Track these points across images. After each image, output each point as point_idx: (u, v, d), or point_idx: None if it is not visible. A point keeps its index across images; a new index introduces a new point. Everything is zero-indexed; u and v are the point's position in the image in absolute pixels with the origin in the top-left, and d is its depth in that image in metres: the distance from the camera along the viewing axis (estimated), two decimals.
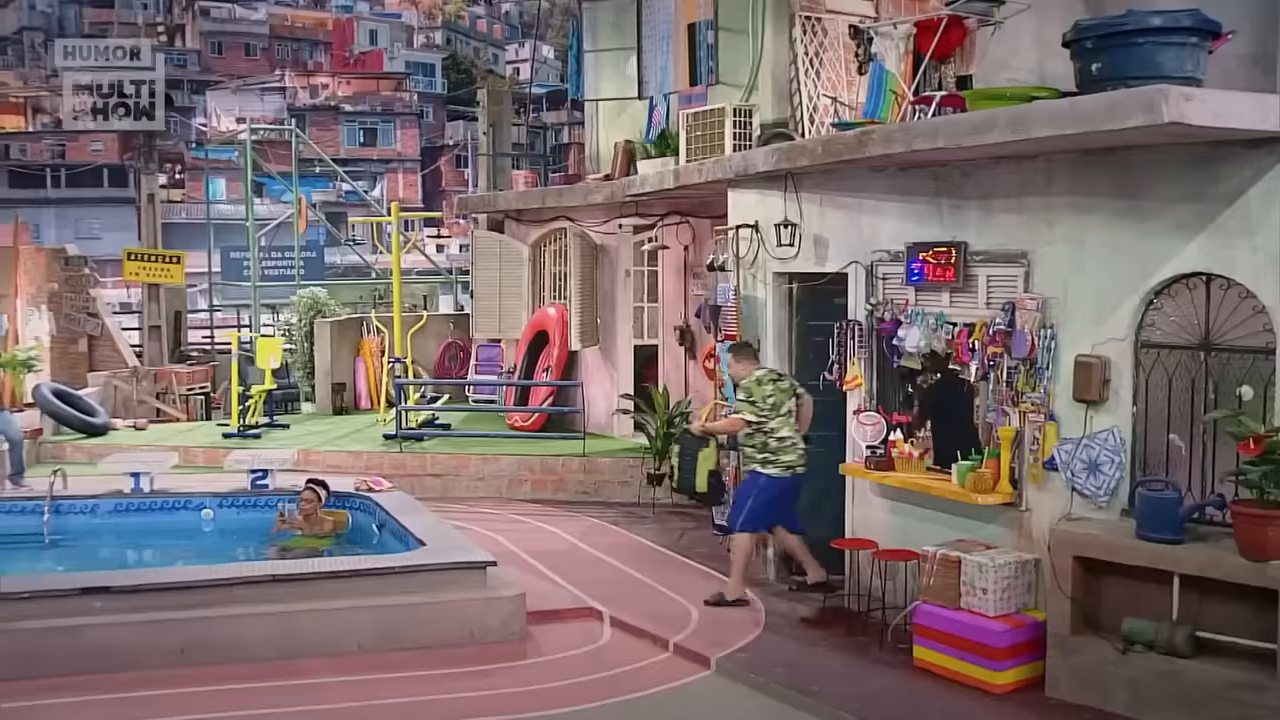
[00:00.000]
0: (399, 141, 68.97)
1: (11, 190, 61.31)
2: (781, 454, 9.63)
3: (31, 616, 8.42)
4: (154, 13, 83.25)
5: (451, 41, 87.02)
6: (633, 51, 15.14)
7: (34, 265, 22.01)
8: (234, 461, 13.06)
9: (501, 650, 8.86)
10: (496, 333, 17.71)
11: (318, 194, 48.24)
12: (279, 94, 69.15)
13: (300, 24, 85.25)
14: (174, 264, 22.34)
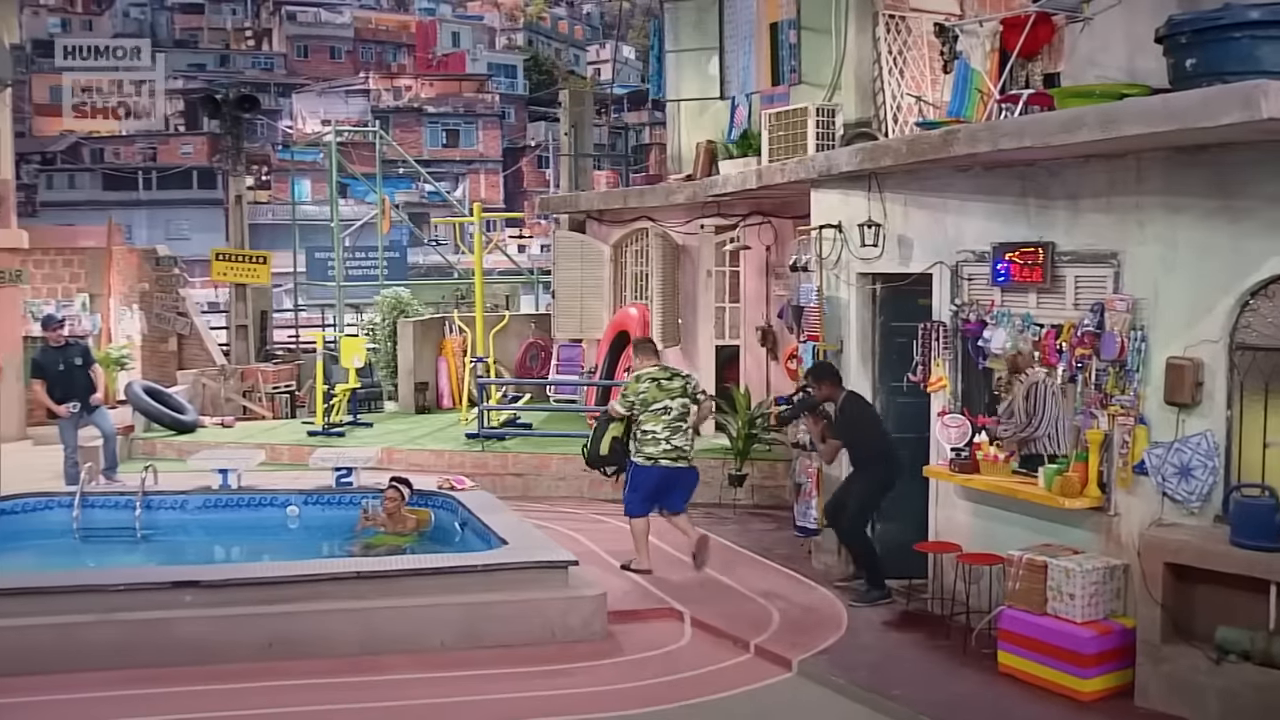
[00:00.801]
0: (481, 142, 69.46)
1: (105, 192, 62.68)
2: (645, 446, 10.46)
3: (124, 609, 8.59)
4: (242, 18, 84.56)
5: (533, 43, 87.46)
6: (714, 51, 15.12)
7: (126, 265, 22.46)
8: (319, 459, 13.22)
9: (582, 649, 8.88)
10: (578, 333, 17.77)
11: (401, 195, 48.74)
12: (363, 96, 69.97)
13: (384, 27, 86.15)
14: (260, 264, 22.64)
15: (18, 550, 11.79)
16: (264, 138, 61.09)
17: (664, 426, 10.46)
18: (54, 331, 14.09)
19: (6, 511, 12.21)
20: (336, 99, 69.09)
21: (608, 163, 22.22)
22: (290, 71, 78.37)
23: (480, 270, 17.77)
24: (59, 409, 13.77)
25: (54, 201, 61.61)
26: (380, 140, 28.88)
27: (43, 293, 21.65)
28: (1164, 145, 7.49)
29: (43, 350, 14.22)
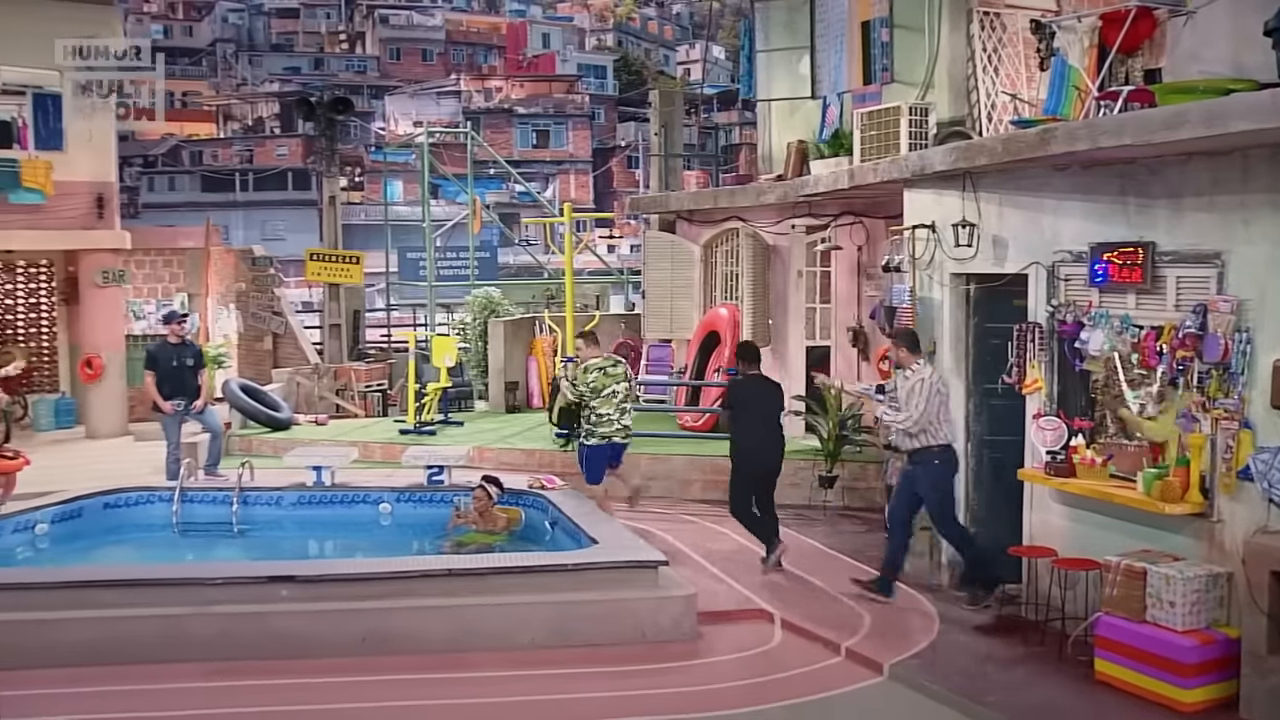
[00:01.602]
0: (571, 143, 69.75)
1: (203, 194, 63.86)
2: (599, 427, 11.71)
3: (222, 602, 8.75)
4: (336, 21, 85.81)
5: (623, 43, 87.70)
6: (806, 50, 15.05)
7: (223, 265, 22.88)
8: (411, 457, 13.37)
9: (672, 650, 8.87)
10: (667, 333, 17.77)
11: (491, 195, 49.12)
12: (454, 97, 70.62)
13: (475, 29, 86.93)
14: (353, 264, 22.93)
15: (120, 543, 12.10)
16: (357, 139, 61.94)
17: (614, 409, 11.73)
18: (175, 326, 14.38)
19: (110, 505, 12.52)
20: (428, 100, 69.82)
21: (698, 163, 22.25)
22: (383, 74, 79.38)
23: (570, 270, 17.85)
24: (165, 404, 14.06)
25: (155, 203, 62.95)
26: (471, 141, 29.12)
27: (143, 293, 22.16)
28: (1272, 142, 7.29)
29: (160, 345, 14.52)
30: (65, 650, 8.43)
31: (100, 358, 20.23)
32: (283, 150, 67.58)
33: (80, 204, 20.28)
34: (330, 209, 23.52)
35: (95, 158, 20.60)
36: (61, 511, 12.05)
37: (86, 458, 17.87)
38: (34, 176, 19.29)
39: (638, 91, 66.39)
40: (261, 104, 75.28)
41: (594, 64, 79.87)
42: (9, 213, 19.44)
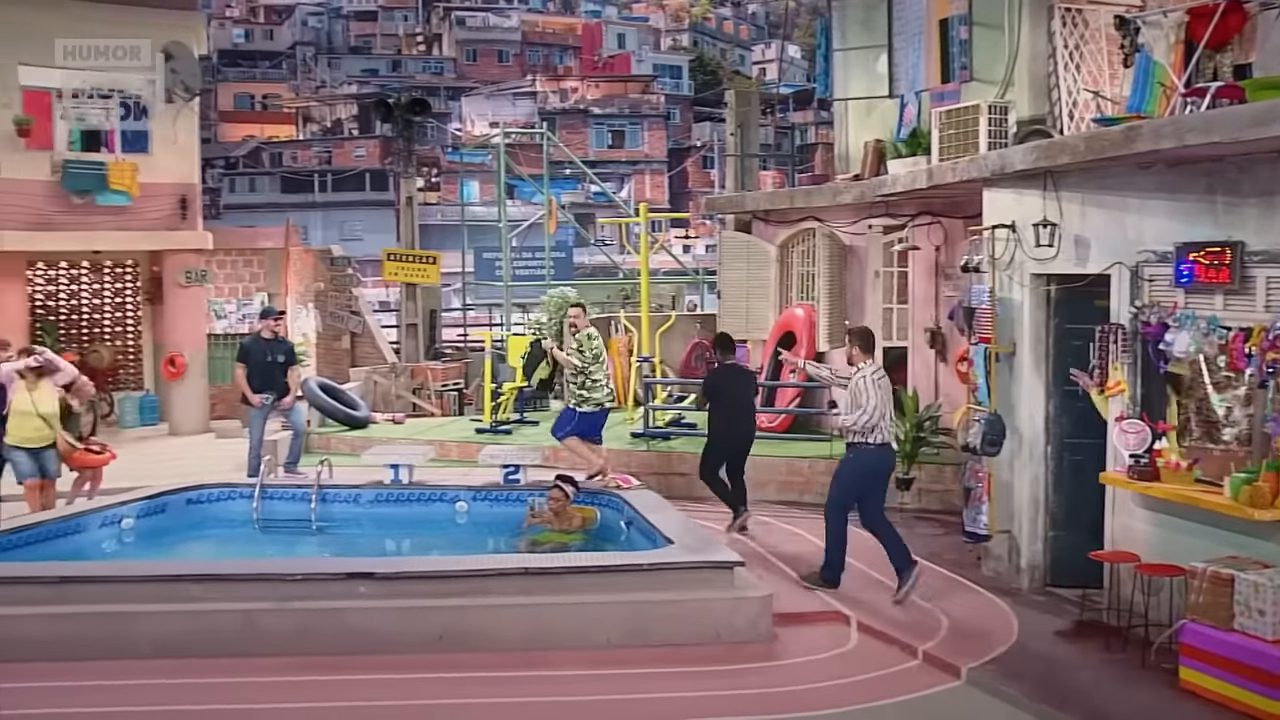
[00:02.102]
0: (646, 143, 69.85)
1: (283, 195, 64.73)
2: (594, 393, 12.67)
3: (301, 598, 8.86)
4: (413, 24, 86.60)
5: (698, 43, 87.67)
6: (883, 49, 14.94)
7: (302, 265, 23.18)
8: (487, 456, 13.44)
9: (748, 651, 8.84)
10: (743, 333, 17.69)
11: (567, 195, 49.29)
12: (530, 98, 70.99)
13: (550, 30, 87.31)
14: (430, 264, 23.16)
15: (201, 538, 12.30)
16: (434, 140, 62.44)
17: (605, 376, 12.83)
18: (271, 322, 14.59)
19: (192, 501, 12.74)
20: (504, 101, 70.25)
21: (773, 163, 22.12)
22: (459, 75, 80.00)
23: (646, 270, 17.86)
24: (254, 398, 14.30)
25: (236, 204, 63.93)
26: (547, 141, 29.24)
27: (224, 292, 22.53)
28: None
29: (254, 339, 14.75)
30: (149, 642, 8.59)
31: (183, 356, 20.60)
32: (361, 151, 68.33)
33: (165, 205, 20.67)
34: (407, 209, 23.77)
35: (179, 160, 21.00)
36: (146, 507, 12.29)
37: (169, 454, 18.20)
38: (121, 179, 19.70)
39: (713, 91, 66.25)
40: (340, 106, 76.17)
41: (669, 64, 79.91)
42: (97, 214, 19.86)
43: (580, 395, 12.75)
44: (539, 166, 29.63)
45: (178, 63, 20.51)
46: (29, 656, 8.43)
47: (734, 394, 12.51)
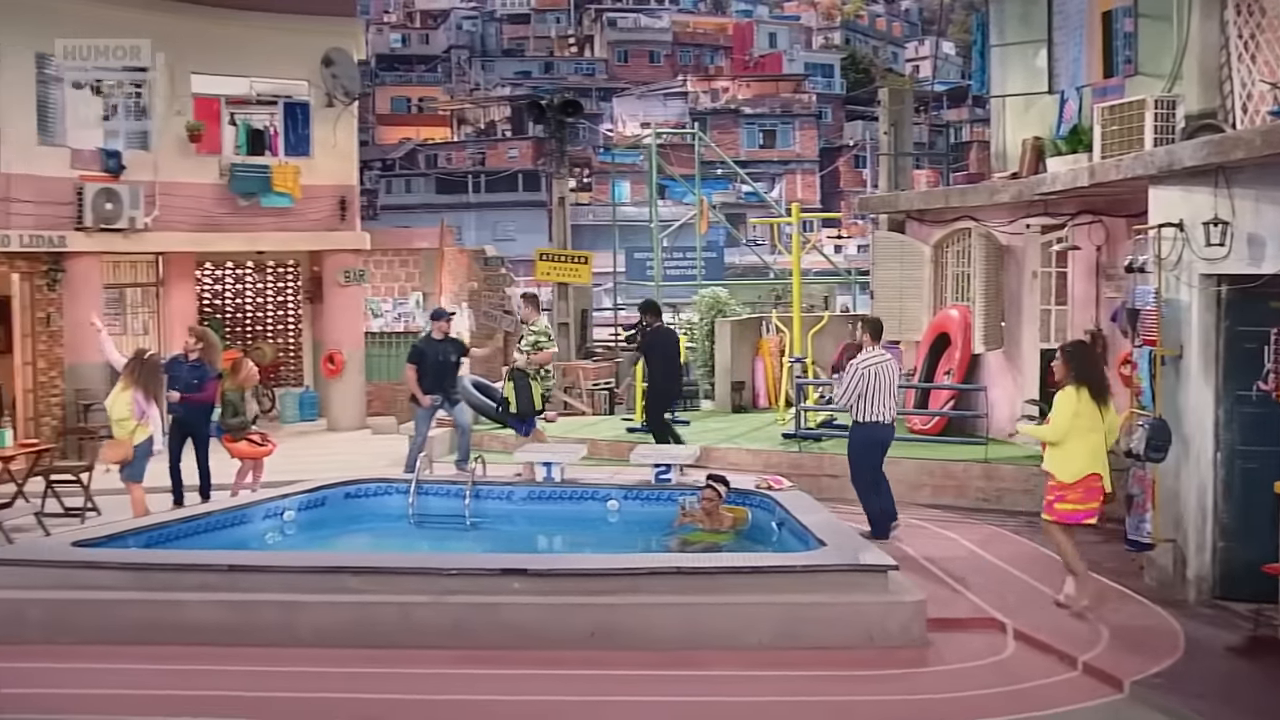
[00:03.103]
0: (797, 142, 69.50)
1: (438, 196, 65.98)
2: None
3: (457, 592, 9.00)
4: (565, 26, 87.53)
5: (850, 41, 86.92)
6: (1042, 44, 14.60)
7: (457, 265, 23.59)
8: (639, 455, 13.50)
9: (901, 656, 8.72)
10: (896, 334, 17.47)
11: (718, 195, 49.26)
12: (681, 98, 71.19)
13: (701, 30, 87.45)
14: (582, 264, 23.35)
15: (358, 532, 12.61)
16: (586, 141, 63.03)
17: None
18: (442, 323, 14.90)
19: (350, 495, 13.07)
20: (655, 102, 70.57)
21: (927, 161, 21.81)
22: (611, 76, 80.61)
23: (798, 271, 17.76)
24: (424, 398, 14.59)
25: (392, 205, 65.39)
26: (698, 141, 29.27)
27: (381, 291, 23.04)
28: None
29: (425, 339, 15.05)
30: (311, 631, 8.83)
31: (341, 354, 21.13)
32: (513, 152, 69.33)
33: (325, 207, 21.23)
34: (559, 210, 24.01)
35: (338, 162, 21.56)
36: (307, 500, 12.65)
37: (328, 449, 18.70)
38: (283, 181, 20.30)
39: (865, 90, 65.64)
40: (494, 108, 77.39)
41: (821, 63, 79.38)
42: (260, 215, 20.50)
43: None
44: (690, 167, 29.67)
45: (337, 68, 21.06)
46: (201, 640, 8.75)
47: (665, 351, 15.04)
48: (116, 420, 12.56)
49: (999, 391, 15.25)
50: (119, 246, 19.05)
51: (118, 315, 20.04)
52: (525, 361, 14.30)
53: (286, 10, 20.52)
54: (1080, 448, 9.44)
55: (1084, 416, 9.47)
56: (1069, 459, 9.48)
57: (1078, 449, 9.45)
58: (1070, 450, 9.47)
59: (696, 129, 35.66)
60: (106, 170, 18.75)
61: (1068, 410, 9.46)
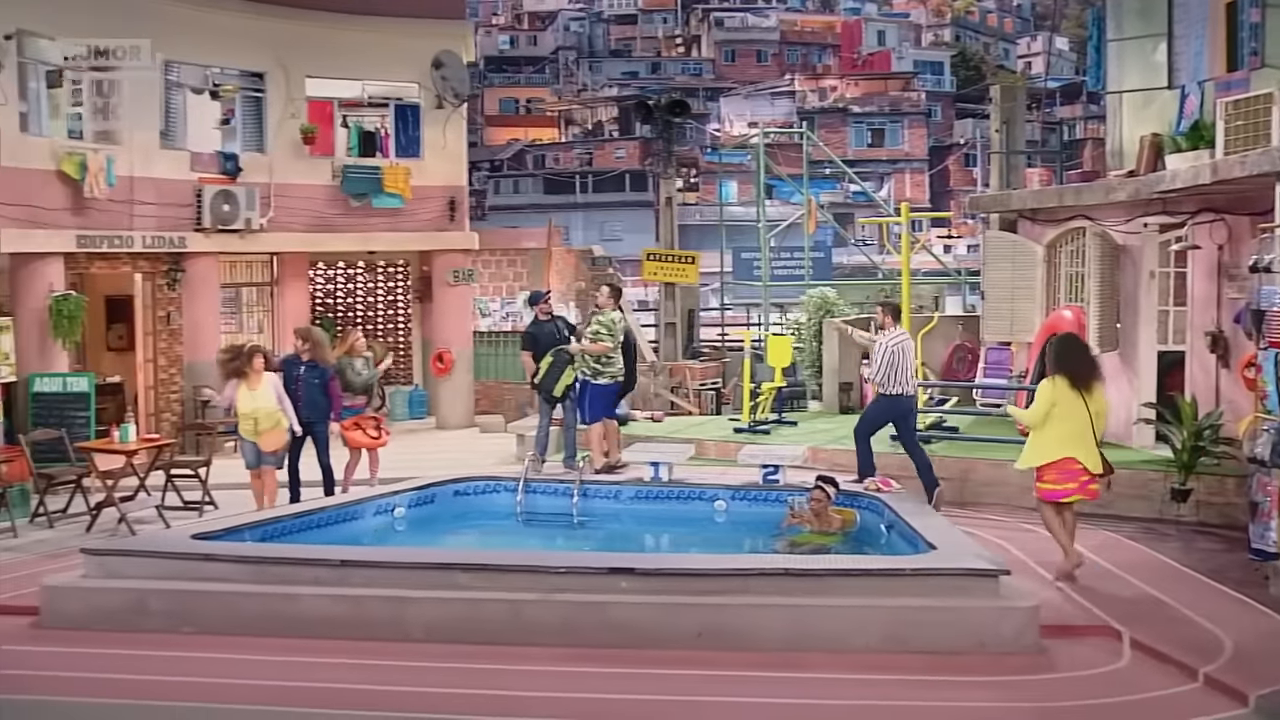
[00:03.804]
0: (906, 141, 68.84)
1: (545, 196, 66.44)
2: (609, 368, 13.67)
3: (566, 590, 9.04)
4: (672, 26, 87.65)
5: (960, 38, 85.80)
6: (1162, 37, 14.28)
7: (564, 265, 23.73)
8: (747, 456, 13.45)
9: (1013, 662, 8.55)
10: (1007, 335, 17.20)
11: (826, 195, 48.97)
12: (788, 98, 70.93)
13: (809, 28, 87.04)
14: (689, 264, 23.33)
15: (467, 528, 12.76)
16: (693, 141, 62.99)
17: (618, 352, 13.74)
18: (542, 305, 14.95)
19: (459, 492, 13.23)
20: (763, 101, 70.40)
21: (1040, 159, 21.47)
22: (718, 76, 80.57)
23: (907, 271, 17.55)
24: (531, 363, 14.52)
25: (500, 205, 65.99)
26: (806, 141, 29.12)
27: (489, 291, 23.28)
28: None
29: (534, 324, 15.14)
30: (421, 627, 8.93)
31: (450, 352, 21.38)
32: (621, 153, 69.60)
33: (434, 207, 21.51)
34: (667, 210, 24.01)
35: (448, 163, 21.83)
36: (417, 497, 12.85)
37: (436, 447, 18.93)
38: (394, 182, 20.61)
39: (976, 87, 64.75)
40: (601, 108, 77.77)
41: (930, 60, 78.48)
42: (372, 216, 20.84)
43: (595, 368, 13.64)
44: (798, 166, 29.54)
45: (447, 70, 21.31)
46: (314, 633, 8.91)
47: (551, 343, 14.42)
48: (267, 412, 12.89)
49: (1114, 394, 14.85)
50: (235, 247, 19.48)
51: (233, 314, 20.51)
52: (576, 348, 13.98)
53: (397, 14, 20.83)
54: (1052, 434, 10.22)
55: (1061, 405, 10.17)
56: (1042, 444, 10.31)
57: (1050, 436, 10.24)
58: (1044, 436, 10.28)
59: (804, 128, 35.45)
60: (224, 173, 19.20)
61: (1046, 399, 10.23)
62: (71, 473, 14.38)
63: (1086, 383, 10.24)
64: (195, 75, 19.57)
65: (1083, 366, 10.41)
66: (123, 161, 17.56)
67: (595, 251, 25.25)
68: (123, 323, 19.62)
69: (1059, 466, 10.21)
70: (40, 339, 16.32)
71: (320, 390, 13.65)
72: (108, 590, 9.52)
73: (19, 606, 9.90)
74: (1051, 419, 10.18)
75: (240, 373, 12.90)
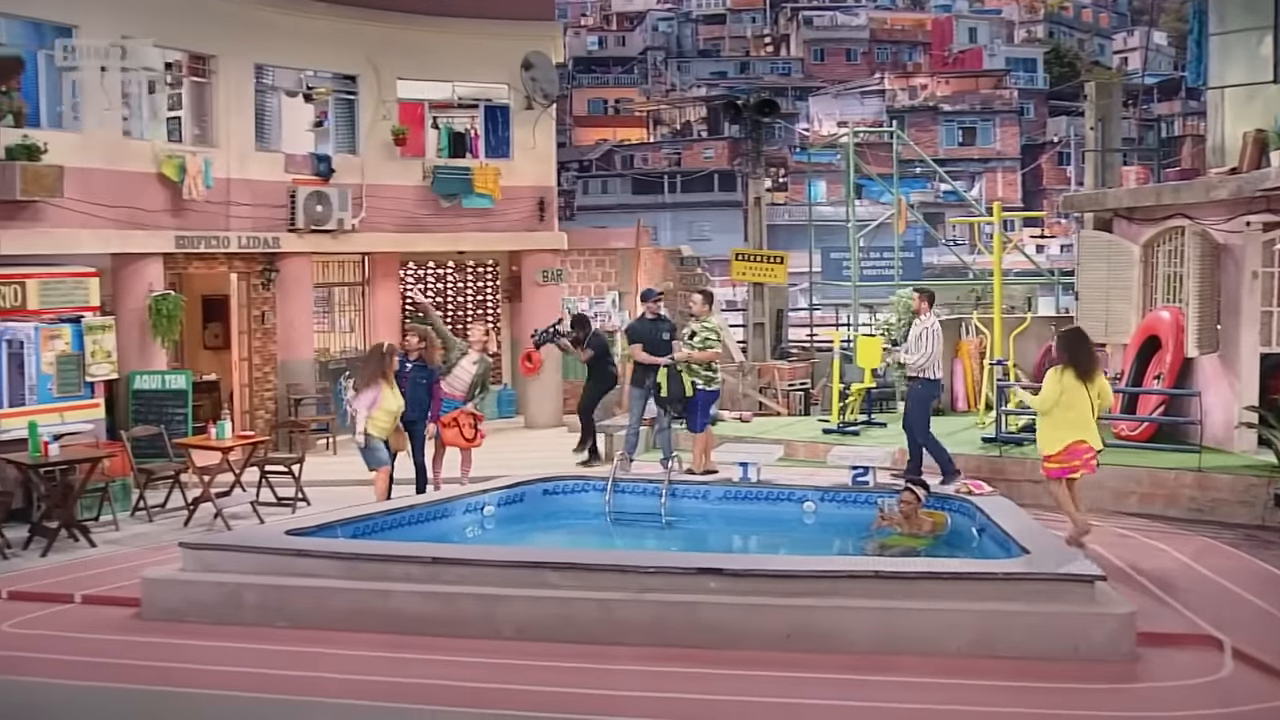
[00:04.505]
0: (998, 140, 67.99)
1: (633, 196, 66.59)
2: (717, 374, 14.33)
3: (655, 590, 9.04)
4: (761, 25, 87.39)
5: (1054, 34, 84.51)
6: (1268, 30, 13.96)
7: (653, 265, 23.77)
8: (836, 457, 13.37)
9: (1108, 670, 8.38)
10: (1102, 337, 16.87)
11: (916, 194, 48.55)
12: (878, 96, 70.42)
13: (899, 26, 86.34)
14: (778, 264, 23.24)
15: (556, 528, 12.82)
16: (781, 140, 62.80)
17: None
18: (652, 304, 14.96)
19: (548, 492, 13.30)
20: (852, 100, 69.94)
21: (1136, 157, 21.06)
22: (807, 75, 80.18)
23: (999, 271, 17.34)
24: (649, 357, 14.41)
25: (589, 206, 66.21)
26: (896, 140, 28.85)
27: (577, 290, 23.39)
28: None
29: (639, 321, 15.14)
30: (512, 625, 8.97)
31: (539, 353, 21.48)
32: (709, 153, 69.55)
33: (524, 208, 21.67)
34: (755, 210, 23.95)
35: (537, 164, 21.99)
36: (506, 495, 12.94)
37: (525, 446, 19.04)
38: (484, 183, 20.79)
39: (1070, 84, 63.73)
40: (689, 108, 77.76)
41: (1023, 57, 77.41)
42: (461, 216, 21.05)
43: (708, 375, 14.01)
44: (888, 165, 29.27)
45: (536, 71, 21.45)
46: (405, 629, 9.00)
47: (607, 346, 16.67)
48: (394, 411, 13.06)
49: (1214, 397, 14.59)
50: (328, 247, 19.77)
51: (325, 313, 20.81)
52: (684, 356, 13.97)
53: (487, 16, 21.01)
54: (1062, 420, 11.26)
55: (1068, 393, 11.18)
56: (1053, 432, 11.36)
57: (1060, 421, 11.27)
58: (1055, 422, 11.30)
59: (894, 127, 35.10)
60: (317, 174, 19.50)
61: (1055, 388, 11.22)
62: (170, 468, 14.71)
63: (1089, 372, 11.28)
64: (289, 78, 19.92)
65: (1087, 358, 11.39)
66: (220, 164, 17.92)
67: (683, 251, 25.25)
68: (218, 321, 20.02)
69: (1071, 449, 11.25)
70: (140, 338, 16.71)
71: (425, 390, 13.79)
72: (205, 583, 9.71)
73: (121, 598, 10.15)
74: (1060, 406, 11.20)
75: (383, 373, 13.02)
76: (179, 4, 17.51)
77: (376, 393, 12.94)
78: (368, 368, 13.26)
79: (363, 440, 12.90)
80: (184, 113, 18.26)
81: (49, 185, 14.82)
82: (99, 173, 16.09)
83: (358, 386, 13.20)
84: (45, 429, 13.41)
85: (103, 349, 15.10)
